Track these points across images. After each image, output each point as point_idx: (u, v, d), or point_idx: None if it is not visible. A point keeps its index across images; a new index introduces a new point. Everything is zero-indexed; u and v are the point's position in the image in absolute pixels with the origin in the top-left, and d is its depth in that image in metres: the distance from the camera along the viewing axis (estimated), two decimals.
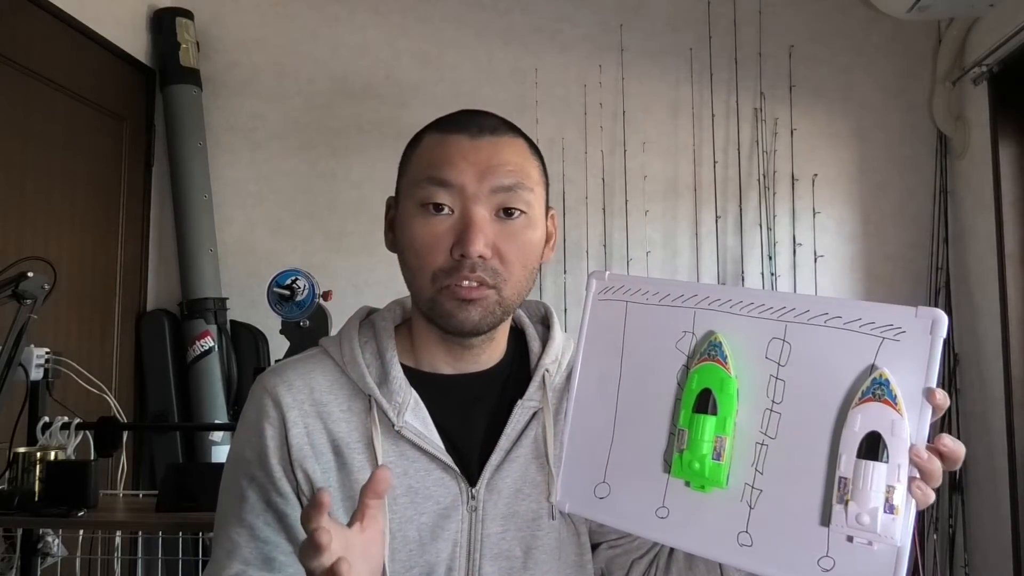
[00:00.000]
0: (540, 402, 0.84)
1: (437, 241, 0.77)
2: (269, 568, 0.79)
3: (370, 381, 0.81)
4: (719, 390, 0.69)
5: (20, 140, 2.25)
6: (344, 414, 0.81)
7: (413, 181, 0.80)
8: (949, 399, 0.63)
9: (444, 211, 0.77)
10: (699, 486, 0.70)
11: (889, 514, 0.62)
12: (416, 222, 0.78)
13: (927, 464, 0.61)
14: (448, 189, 0.77)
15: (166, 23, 2.82)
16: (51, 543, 1.86)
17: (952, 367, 2.68)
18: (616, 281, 0.77)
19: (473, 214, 0.76)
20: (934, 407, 0.62)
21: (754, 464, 0.68)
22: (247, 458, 0.81)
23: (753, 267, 2.77)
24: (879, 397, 0.63)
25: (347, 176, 2.89)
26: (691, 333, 0.73)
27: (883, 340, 0.64)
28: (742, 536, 0.68)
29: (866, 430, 0.63)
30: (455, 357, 0.85)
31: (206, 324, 2.69)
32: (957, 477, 2.65)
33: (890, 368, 0.63)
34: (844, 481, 0.63)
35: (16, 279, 1.61)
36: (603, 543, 0.88)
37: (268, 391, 0.82)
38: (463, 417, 0.84)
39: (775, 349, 0.69)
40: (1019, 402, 2.43)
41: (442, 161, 0.78)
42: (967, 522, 2.64)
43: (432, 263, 0.78)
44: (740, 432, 0.69)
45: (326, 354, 0.85)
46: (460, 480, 0.81)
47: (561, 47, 2.90)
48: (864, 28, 2.85)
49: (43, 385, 1.89)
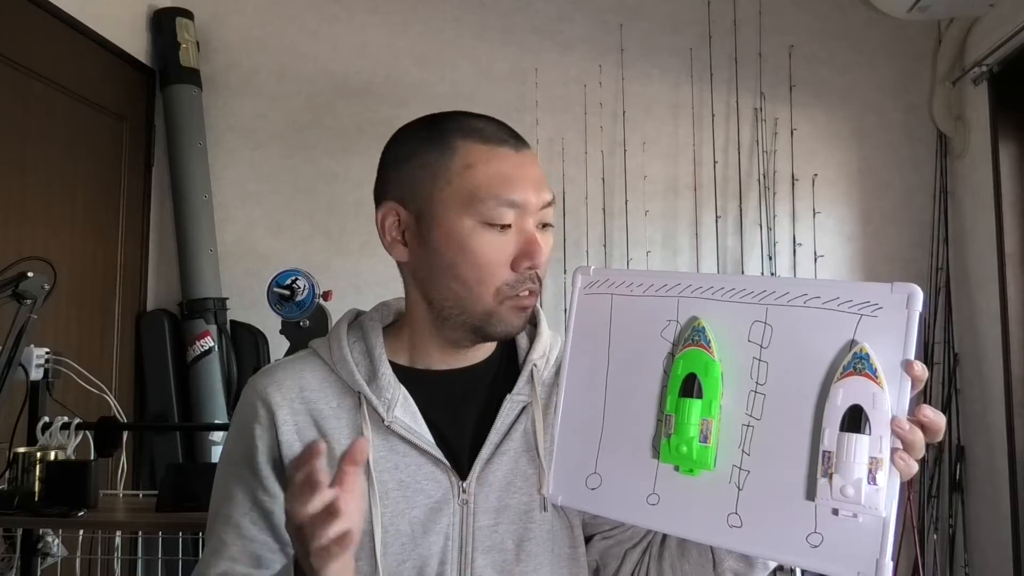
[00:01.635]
0: (529, 396, 0.86)
1: (503, 257, 0.80)
2: (256, 565, 0.80)
3: (359, 378, 0.82)
4: (704, 374, 0.71)
5: (20, 140, 2.25)
6: (334, 411, 0.82)
7: (471, 197, 0.79)
8: (928, 371, 0.65)
9: (507, 227, 0.80)
10: (688, 470, 0.71)
11: (873, 485, 0.63)
12: (481, 239, 0.79)
13: (909, 435, 0.62)
14: (514, 208, 0.80)
15: (166, 23, 2.82)
16: (51, 543, 1.86)
17: (952, 367, 2.68)
18: (601, 275, 0.79)
19: (533, 230, 0.81)
20: (913, 379, 0.63)
21: (741, 446, 0.70)
22: (235, 459, 0.83)
23: (753, 267, 2.77)
24: (860, 371, 0.64)
25: (347, 176, 2.89)
26: (675, 321, 0.74)
27: (861, 316, 0.65)
28: (732, 518, 0.69)
29: (848, 403, 0.64)
30: (450, 355, 0.86)
31: (206, 324, 2.70)
32: (957, 477, 2.65)
33: (869, 343, 0.64)
34: (828, 455, 0.64)
35: (16, 279, 1.61)
36: (596, 534, 0.89)
37: (258, 392, 0.83)
38: (453, 412, 0.85)
39: (757, 332, 0.70)
40: (1019, 402, 2.43)
41: (508, 181, 0.79)
42: (967, 522, 2.64)
43: (498, 278, 0.80)
44: (726, 414, 0.70)
45: (316, 355, 0.87)
46: (451, 474, 0.82)
47: (561, 47, 2.90)
48: (864, 28, 2.85)
49: (43, 385, 1.89)
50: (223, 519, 0.82)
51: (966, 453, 2.67)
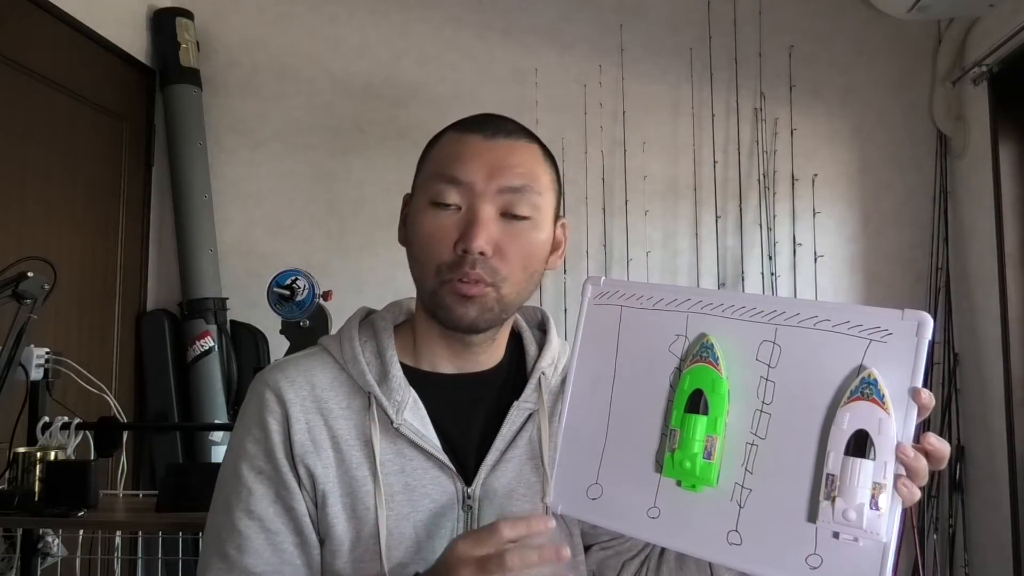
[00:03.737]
0: (536, 404, 0.85)
1: (443, 235, 0.78)
2: (282, 560, 0.79)
3: (370, 379, 0.82)
4: (710, 391, 0.70)
5: (20, 140, 2.25)
6: (344, 411, 0.81)
7: (427, 177, 0.82)
8: (934, 399, 0.65)
9: (452, 207, 0.79)
10: (690, 485, 0.71)
11: (875, 511, 0.63)
12: (426, 217, 0.80)
13: (913, 462, 0.62)
14: (458, 186, 0.79)
15: (166, 23, 2.82)
16: (51, 543, 1.86)
17: (952, 367, 2.68)
18: (611, 286, 0.79)
19: (478, 211, 0.78)
20: (920, 406, 0.63)
21: (744, 464, 0.69)
22: (251, 452, 0.81)
23: (753, 267, 2.77)
24: (867, 396, 0.64)
25: (347, 176, 2.89)
26: (684, 336, 0.74)
27: (871, 342, 0.65)
28: (732, 535, 0.69)
29: (854, 428, 0.64)
30: (456, 356, 0.85)
31: (206, 324, 2.69)
32: (957, 477, 2.65)
33: (878, 368, 0.65)
34: (831, 478, 0.64)
35: (16, 279, 1.61)
36: (594, 544, 0.89)
37: (271, 386, 0.82)
38: (460, 417, 0.84)
39: (766, 351, 0.70)
40: (1019, 402, 2.43)
41: (455, 159, 0.80)
42: (967, 522, 2.64)
43: (437, 257, 0.79)
44: (731, 432, 0.70)
45: (326, 352, 0.86)
46: (456, 479, 0.81)
47: (561, 47, 2.90)
48: (864, 28, 2.85)
49: (43, 385, 1.89)
50: (244, 513, 0.79)
51: (966, 453, 2.67)
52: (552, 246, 0.85)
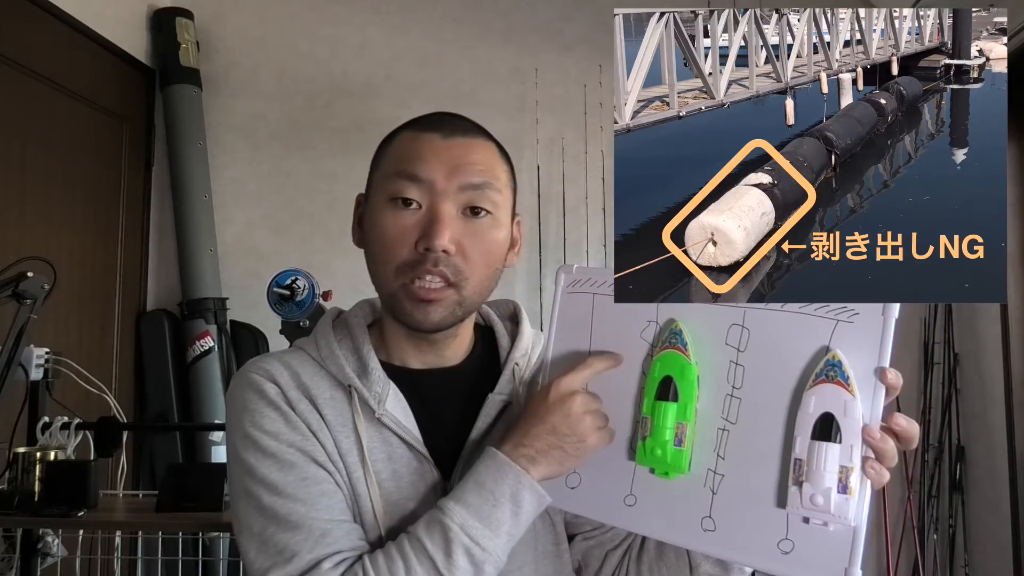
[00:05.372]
0: (511, 395, 0.85)
1: (403, 234, 0.78)
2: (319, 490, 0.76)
3: (350, 372, 0.82)
4: (680, 377, 0.70)
5: (20, 140, 2.25)
6: (329, 400, 0.82)
7: (384, 176, 0.82)
8: (902, 379, 0.64)
9: (412, 206, 0.78)
10: (663, 472, 0.71)
11: (843, 494, 0.62)
12: (385, 216, 0.79)
13: (880, 444, 0.62)
14: (418, 184, 0.78)
15: (166, 23, 2.82)
16: (51, 543, 1.86)
17: (952, 367, 2.68)
18: (583, 274, 0.80)
19: (440, 209, 0.77)
20: (887, 387, 0.62)
21: (716, 449, 0.69)
22: (252, 435, 0.78)
23: None
24: (832, 378, 0.64)
25: (347, 176, 2.89)
26: (655, 322, 0.74)
27: (837, 322, 0.65)
28: (705, 521, 0.69)
29: (820, 411, 0.64)
30: (421, 352, 0.86)
31: (206, 324, 2.69)
32: (957, 477, 2.65)
33: (843, 349, 0.64)
34: (799, 463, 0.64)
35: (16, 279, 1.61)
36: (578, 535, 0.89)
37: (259, 373, 0.81)
38: (433, 411, 0.84)
39: (735, 335, 0.70)
40: (1019, 402, 2.43)
41: (414, 157, 0.79)
42: (967, 522, 2.64)
43: (397, 256, 0.79)
44: (701, 418, 0.70)
45: (303, 351, 0.86)
46: (435, 471, 0.81)
47: (561, 47, 2.90)
48: None
49: (43, 385, 1.88)
50: (287, 499, 0.75)
51: (966, 453, 2.67)
52: (510, 243, 0.85)
